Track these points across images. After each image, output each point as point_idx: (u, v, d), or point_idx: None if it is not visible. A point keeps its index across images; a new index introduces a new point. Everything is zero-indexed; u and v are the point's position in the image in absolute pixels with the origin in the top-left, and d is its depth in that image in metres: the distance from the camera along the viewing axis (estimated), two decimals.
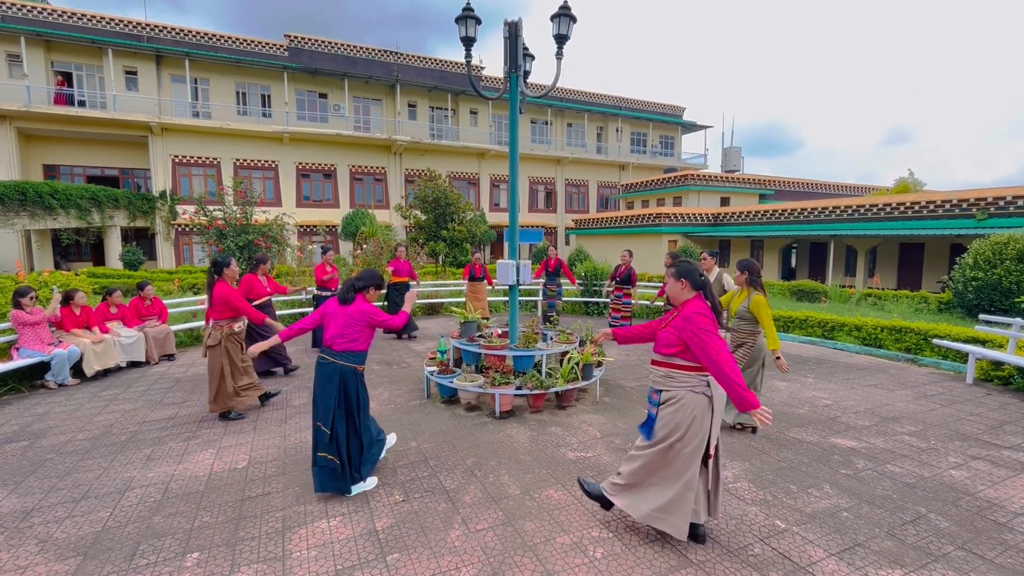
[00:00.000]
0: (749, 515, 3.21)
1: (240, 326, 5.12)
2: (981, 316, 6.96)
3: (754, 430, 4.56)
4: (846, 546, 2.89)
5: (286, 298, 9.35)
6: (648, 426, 2.87)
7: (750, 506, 3.32)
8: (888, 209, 17.24)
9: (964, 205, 15.24)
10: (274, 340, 3.79)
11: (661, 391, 2.83)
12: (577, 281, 12.31)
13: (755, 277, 4.49)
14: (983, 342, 6.63)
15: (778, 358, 4.26)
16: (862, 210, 18.04)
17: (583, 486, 3.20)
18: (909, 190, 32.11)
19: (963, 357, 6.78)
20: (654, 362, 2.90)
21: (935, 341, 6.94)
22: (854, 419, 4.98)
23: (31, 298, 5.98)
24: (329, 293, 7.93)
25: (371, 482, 3.59)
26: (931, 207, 16.06)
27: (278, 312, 8.37)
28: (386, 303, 9.41)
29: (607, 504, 3.11)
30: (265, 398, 5.40)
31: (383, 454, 3.80)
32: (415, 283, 9.19)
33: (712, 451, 2.80)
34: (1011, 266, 9.02)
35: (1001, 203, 14.31)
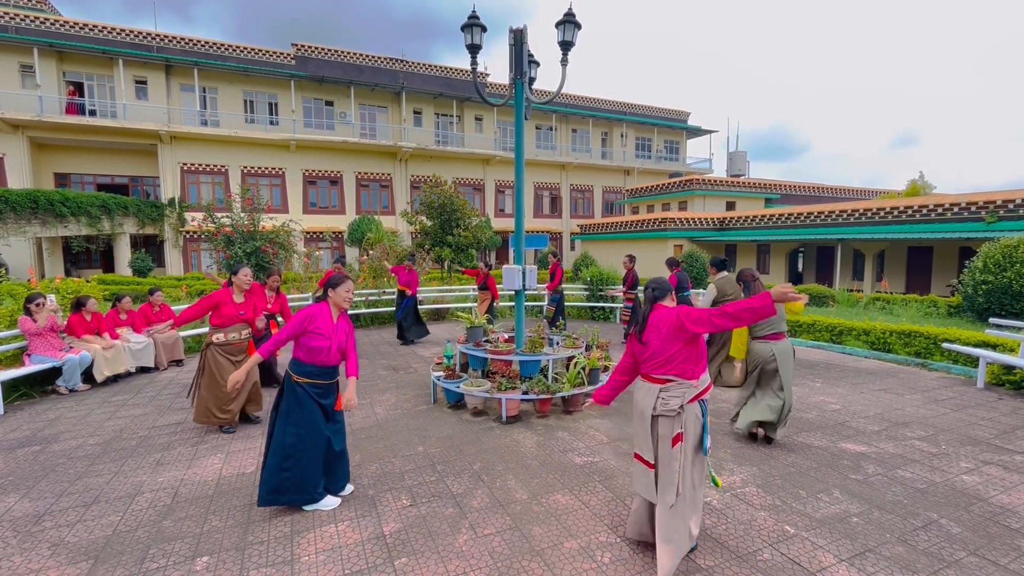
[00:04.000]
0: (758, 520, 3.19)
1: (220, 337, 4.71)
2: (991, 320, 6.92)
3: (769, 440, 4.47)
4: (857, 552, 2.86)
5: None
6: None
7: (759, 511, 3.30)
8: (896, 213, 17.14)
9: (973, 208, 15.12)
10: (250, 362, 3.51)
11: None
12: (583, 286, 12.35)
13: (749, 283, 4.42)
14: (994, 346, 6.57)
15: (734, 366, 4.29)
16: (869, 214, 17.94)
17: None
18: (919, 192, 31.94)
19: (974, 361, 6.71)
20: None
21: (945, 345, 6.88)
22: (863, 424, 4.94)
23: (37, 304, 6.04)
24: None
25: (330, 502, 3.37)
26: (939, 210, 15.95)
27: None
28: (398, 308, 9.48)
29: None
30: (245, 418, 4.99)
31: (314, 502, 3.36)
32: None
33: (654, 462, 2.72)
34: (1021, 269, 8.93)
35: (1011, 206, 14.19)
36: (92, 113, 22.55)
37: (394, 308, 9.43)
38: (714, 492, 3.55)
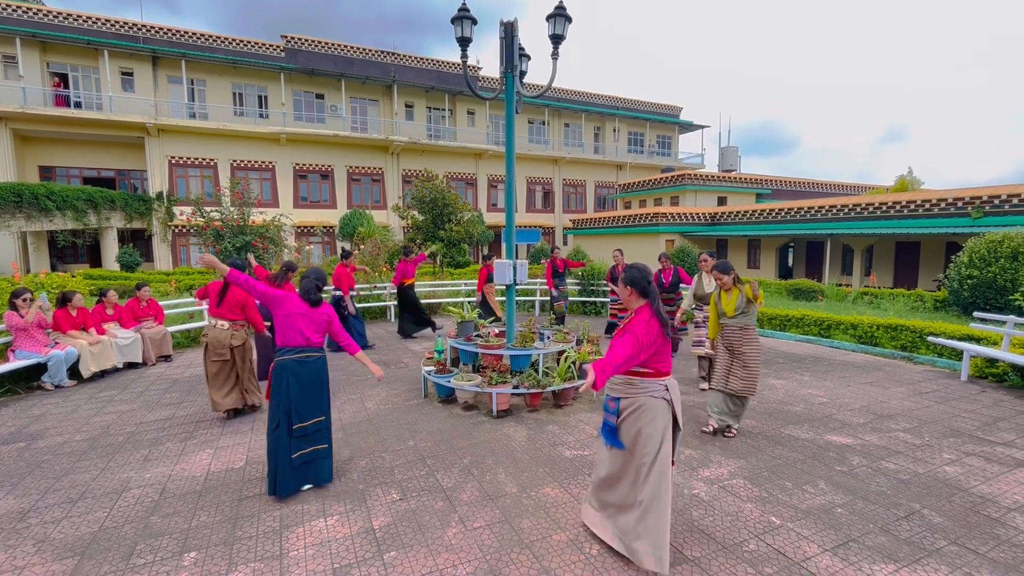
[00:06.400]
0: (744, 512, 3.23)
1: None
2: (976, 314, 7.01)
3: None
4: (840, 542, 2.91)
5: None
6: (612, 435, 2.79)
7: (745, 503, 3.34)
8: (884, 208, 17.30)
9: (959, 204, 15.30)
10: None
11: (620, 399, 2.77)
12: (576, 280, 12.39)
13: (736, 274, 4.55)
14: (978, 339, 6.67)
15: None
16: (858, 209, 18.10)
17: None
18: (907, 188, 32.24)
19: (958, 354, 6.82)
20: None
21: (930, 339, 6.97)
22: (849, 416, 5.00)
23: (24, 299, 5.96)
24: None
25: None
26: (927, 206, 16.12)
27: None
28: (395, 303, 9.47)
29: None
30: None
31: None
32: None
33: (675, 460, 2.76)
34: (1005, 264, 9.07)
35: (996, 201, 14.37)
36: (77, 105, 22.14)
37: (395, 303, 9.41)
38: (702, 485, 3.59)
